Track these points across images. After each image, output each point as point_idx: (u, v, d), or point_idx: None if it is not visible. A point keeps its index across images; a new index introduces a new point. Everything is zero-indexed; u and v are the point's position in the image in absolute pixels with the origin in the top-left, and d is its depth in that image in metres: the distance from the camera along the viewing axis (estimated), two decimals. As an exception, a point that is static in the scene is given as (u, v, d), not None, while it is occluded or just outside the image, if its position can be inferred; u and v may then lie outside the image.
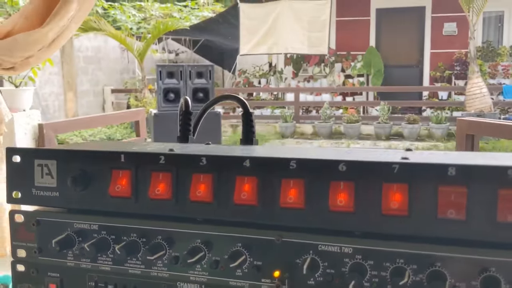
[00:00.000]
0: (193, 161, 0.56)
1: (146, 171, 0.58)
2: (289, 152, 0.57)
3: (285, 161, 0.53)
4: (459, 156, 0.58)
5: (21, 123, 3.53)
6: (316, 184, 0.52)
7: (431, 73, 10.62)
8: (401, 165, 0.49)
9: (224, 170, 0.55)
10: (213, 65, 8.27)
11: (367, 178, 0.50)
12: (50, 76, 10.28)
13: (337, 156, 0.54)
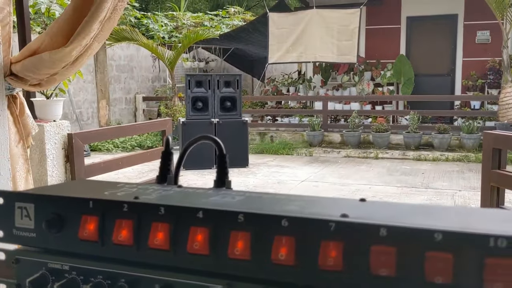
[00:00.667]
0: (153, 210, 0.60)
1: (111, 218, 0.63)
2: (240, 205, 0.60)
3: (234, 214, 0.56)
4: (402, 212, 0.58)
5: (51, 133, 3.67)
6: (261, 237, 0.54)
7: (463, 82, 10.42)
8: (337, 223, 0.51)
9: (180, 220, 0.59)
10: (241, 74, 8.39)
11: (307, 234, 0.52)
12: (84, 84, 10.59)
13: (285, 211, 0.56)
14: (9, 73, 2.14)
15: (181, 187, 0.74)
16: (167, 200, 0.63)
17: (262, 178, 7.16)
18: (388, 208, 0.60)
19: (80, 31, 1.90)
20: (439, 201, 5.76)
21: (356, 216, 0.51)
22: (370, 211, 0.56)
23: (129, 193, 0.67)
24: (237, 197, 0.64)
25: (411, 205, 0.61)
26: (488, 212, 0.59)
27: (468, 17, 10.34)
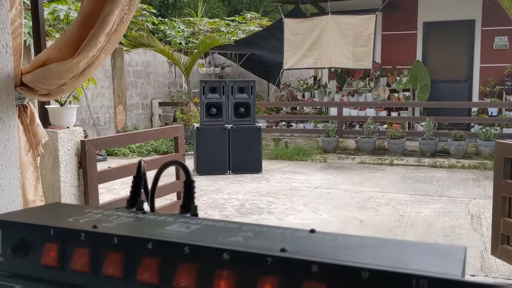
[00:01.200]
0: (108, 240, 0.63)
1: (71, 245, 0.65)
2: (190, 236, 0.61)
3: (181, 246, 0.58)
4: (341, 247, 0.58)
5: (65, 140, 3.73)
6: (204, 270, 0.56)
7: (481, 88, 10.29)
8: (274, 258, 0.52)
9: (131, 250, 0.61)
10: (255, 80, 8.43)
11: (246, 268, 0.54)
12: (102, 90, 10.74)
13: (230, 243, 0.57)
14: (20, 83, 2.20)
15: (145, 213, 0.76)
16: (123, 229, 0.66)
17: (275, 184, 7.17)
18: (331, 242, 0.60)
19: (87, 43, 1.94)
20: (453, 209, 5.70)
21: (294, 251, 0.52)
22: (312, 244, 0.57)
23: (91, 219, 0.70)
24: (192, 226, 0.66)
25: (357, 238, 0.61)
26: (421, 246, 0.58)
27: (485, 22, 10.22)
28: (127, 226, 0.67)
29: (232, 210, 5.78)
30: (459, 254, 0.51)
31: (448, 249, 0.53)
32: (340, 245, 0.57)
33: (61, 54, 2.01)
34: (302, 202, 6.10)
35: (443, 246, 0.55)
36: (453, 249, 0.53)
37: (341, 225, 5.12)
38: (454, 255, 0.50)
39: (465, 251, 0.53)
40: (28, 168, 2.27)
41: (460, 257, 0.50)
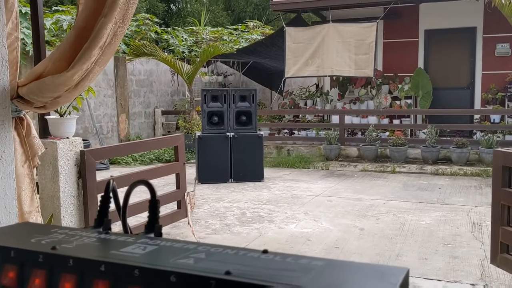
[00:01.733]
0: (63, 262, 0.64)
1: (30, 267, 0.66)
2: (142, 258, 0.63)
3: (131, 268, 0.59)
4: (284, 268, 0.59)
5: (64, 150, 3.76)
6: None
7: (483, 95, 10.27)
8: (217, 281, 0.53)
9: (85, 272, 0.62)
10: (256, 89, 8.46)
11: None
12: (105, 99, 10.80)
13: (178, 265, 0.58)
14: (16, 96, 2.23)
15: (108, 233, 0.77)
16: (81, 250, 0.67)
17: (276, 193, 7.17)
18: (278, 264, 0.60)
19: (81, 56, 1.97)
20: (454, 217, 5.68)
21: (239, 273, 0.53)
22: (259, 266, 0.58)
23: (53, 240, 0.71)
24: (149, 247, 0.67)
25: (306, 259, 0.62)
26: (363, 268, 0.58)
27: (487, 29, 10.23)
28: (85, 247, 0.68)
29: (233, 218, 5.79)
30: (397, 276, 0.51)
31: (389, 270, 0.54)
32: (287, 267, 0.58)
33: (55, 68, 2.04)
34: (303, 211, 6.10)
35: (386, 268, 0.56)
36: (394, 270, 0.54)
37: (341, 234, 5.11)
38: (392, 277, 0.51)
39: (406, 272, 0.53)
40: (24, 179, 2.29)
41: (397, 279, 0.51)
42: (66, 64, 2.01)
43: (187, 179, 8.05)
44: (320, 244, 4.78)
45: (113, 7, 1.88)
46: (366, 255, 4.46)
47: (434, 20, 10.59)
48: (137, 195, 6.56)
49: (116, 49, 9.97)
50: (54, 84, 2.04)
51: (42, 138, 3.80)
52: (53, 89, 2.07)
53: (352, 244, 4.79)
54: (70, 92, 2.12)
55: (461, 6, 9.86)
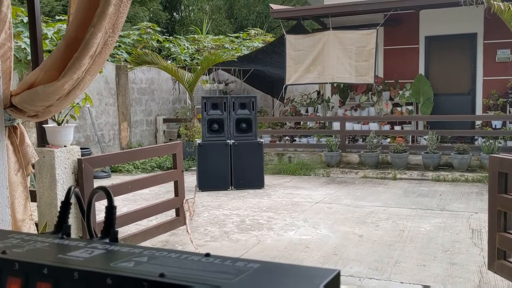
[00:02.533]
0: (10, 265, 0.66)
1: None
2: (84, 262, 0.64)
3: (70, 271, 0.61)
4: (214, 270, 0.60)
5: (62, 158, 3.79)
6: None
7: (484, 101, 10.26)
8: (150, 282, 0.55)
9: (29, 276, 0.64)
10: (256, 96, 8.48)
11: None
12: (106, 107, 10.86)
13: (116, 268, 0.60)
14: (9, 105, 2.26)
15: (63, 239, 0.79)
16: (28, 255, 0.68)
17: (276, 200, 7.17)
18: (214, 267, 0.62)
19: (71, 66, 2.00)
20: (454, 224, 5.67)
21: (172, 276, 0.55)
22: (196, 269, 0.59)
23: (6, 245, 0.72)
24: (96, 251, 0.69)
25: (242, 262, 0.63)
26: (294, 269, 0.59)
27: (487, 35, 10.24)
28: (35, 252, 0.70)
29: (232, 226, 5.79)
30: (325, 277, 0.52)
31: (319, 272, 0.55)
32: (221, 269, 0.59)
33: (47, 77, 2.06)
34: (303, 218, 6.09)
35: (317, 270, 0.57)
36: (324, 272, 0.55)
37: (340, 241, 5.11)
38: (319, 278, 0.52)
39: (336, 274, 0.54)
40: (18, 187, 2.31)
41: (323, 280, 0.51)
42: (57, 74, 2.04)
43: (188, 186, 8.08)
44: (319, 251, 4.77)
45: (102, 17, 1.90)
46: (364, 261, 4.45)
47: (435, 27, 10.62)
48: (138, 202, 6.60)
49: (118, 58, 10.08)
50: (45, 93, 2.06)
51: (40, 146, 3.83)
52: (44, 98, 2.09)
53: (350, 251, 4.78)
54: (61, 101, 2.15)
55: (462, 12, 9.87)
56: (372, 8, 10.04)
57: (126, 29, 18.14)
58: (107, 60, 12.10)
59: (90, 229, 0.87)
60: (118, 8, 1.95)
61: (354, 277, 4.11)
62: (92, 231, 0.86)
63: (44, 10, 19.55)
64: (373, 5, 9.98)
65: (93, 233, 0.85)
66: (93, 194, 0.87)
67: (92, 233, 0.86)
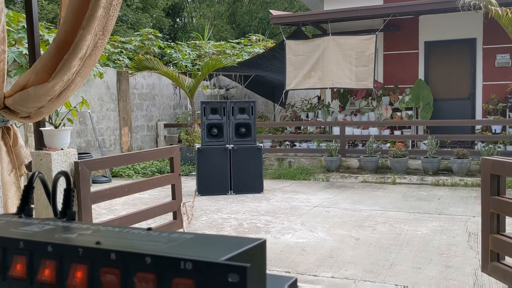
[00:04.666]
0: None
1: None
2: (27, 235, 0.68)
3: (16, 241, 0.65)
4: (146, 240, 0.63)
5: (58, 161, 3.83)
6: (31, 261, 0.63)
7: (484, 106, 10.28)
8: (84, 249, 0.59)
9: (6, 250, 0.67)
10: (255, 101, 8.52)
11: (63, 258, 0.61)
12: (107, 112, 10.93)
13: (55, 239, 0.64)
14: (2, 106, 2.30)
15: (22, 218, 0.82)
16: None
17: (275, 204, 7.20)
18: (149, 237, 0.65)
19: (61, 67, 2.04)
20: (451, 227, 5.68)
21: (108, 244, 0.59)
22: (130, 239, 0.63)
23: None
24: (47, 226, 0.73)
25: (177, 234, 0.67)
26: (222, 240, 0.63)
27: (487, 40, 10.27)
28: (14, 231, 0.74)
29: (230, 230, 5.82)
30: (243, 244, 0.56)
31: (244, 241, 0.58)
32: (154, 239, 0.63)
33: (38, 79, 2.11)
34: (300, 221, 6.11)
35: (242, 239, 0.60)
36: (248, 241, 0.58)
37: (336, 244, 5.13)
38: (241, 245, 0.56)
39: (261, 242, 0.58)
40: (11, 187, 2.35)
41: (242, 246, 0.55)
42: (48, 75, 2.08)
43: (188, 191, 8.13)
44: (315, 254, 4.79)
45: (91, 20, 1.95)
46: (360, 264, 4.47)
47: (434, 32, 10.66)
48: (137, 206, 6.62)
49: (119, 63, 10.13)
50: (37, 95, 2.11)
51: (37, 149, 3.88)
52: (36, 99, 2.13)
53: (346, 253, 4.80)
54: (53, 102, 2.19)
55: (461, 17, 9.92)
56: (371, 13, 10.10)
57: (129, 35, 18.27)
58: (108, 66, 12.16)
59: (55, 210, 0.91)
60: (108, 11, 2.00)
61: (349, 280, 4.13)
62: (57, 212, 0.90)
63: (48, 17, 19.71)
64: (373, 10, 10.04)
65: (57, 214, 0.89)
66: (56, 178, 0.91)
67: (56, 214, 0.90)
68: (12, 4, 19.52)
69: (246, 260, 0.50)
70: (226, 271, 0.49)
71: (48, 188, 0.94)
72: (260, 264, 0.56)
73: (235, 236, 0.61)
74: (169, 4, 26.35)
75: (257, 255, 0.55)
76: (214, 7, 28.56)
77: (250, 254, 0.54)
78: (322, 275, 4.22)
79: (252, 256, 0.54)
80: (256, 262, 0.52)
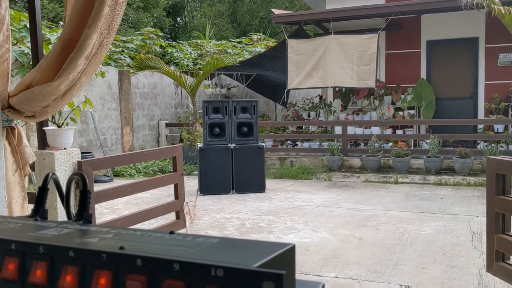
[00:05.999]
0: (3, 245, 0.68)
1: None
2: (46, 239, 0.66)
3: (36, 246, 0.63)
4: (167, 245, 0.62)
5: (62, 160, 3.81)
6: (52, 266, 0.62)
7: (486, 105, 10.26)
8: (108, 254, 0.57)
9: (25, 255, 0.66)
10: (257, 100, 8.50)
11: (86, 263, 0.60)
12: (109, 112, 10.91)
13: (77, 244, 0.62)
14: (7, 106, 2.28)
15: (38, 220, 0.81)
16: (1, 232, 0.70)
17: (277, 203, 7.18)
18: (173, 241, 0.64)
19: (67, 66, 2.02)
20: (454, 227, 5.66)
21: (132, 249, 0.57)
22: (154, 243, 0.61)
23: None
24: (66, 230, 0.71)
25: (203, 238, 0.65)
26: (250, 244, 0.61)
27: (489, 40, 10.24)
28: (6, 230, 0.72)
29: (233, 229, 5.80)
30: (274, 250, 0.54)
31: (272, 246, 0.57)
32: (179, 243, 0.61)
33: (43, 78, 2.09)
34: (303, 221, 6.10)
35: (270, 244, 0.58)
36: (276, 246, 0.56)
37: (340, 244, 5.11)
38: (269, 251, 0.54)
39: (290, 248, 0.56)
40: (15, 187, 2.34)
41: (271, 252, 0.53)
42: (53, 74, 2.06)
43: (190, 190, 8.10)
44: (318, 254, 4.78)
45: (97, 18, 1.93)
46: (363, 264, 4.45)
47: (436, 31, 10.63)
48: (139, 206, 6.63)
49: (121, 62, 10.10)
50: (42, 94, 2.09)
51: (41, 149, 3.86)
52: (41, 98, 2.12)
53: (350, 253, 4.78)
54: (58, 101, 2.18)
55: (463, 16, 9.89)
56: (373, 12, 10.08)
57: (130, 34, 18.26)
58: (110, 65, 12.13)
59: (69, 212, 0.89)
60: (113, 10, 1.98)
61: (353, 280, 4.11)
62: (71, 214, 0.88)
63: (49, 16, 19.71)
64: (375, 9, 10.02)
65: (71, 216, 0.87)
66: (71, 180, 0.89)
67: (70, 216, 0.88)
68: (13, 3, 19.51)
69: (277, 267, 0.48)
70: (260, 279, 0.47)
71: (61, 190, 0.93)
72: (290, 270, 0.54)
73: (262, 240, 0.59)
74: (170, 3, 26.33)
75: (287, 261, 0.54)
76: (215, 6, 28.54)
77: (281, 260, 0.52)
78: (326, 275, 4.20)
79: (282, 262, 0.52)
80: (287, 268, 0.50)
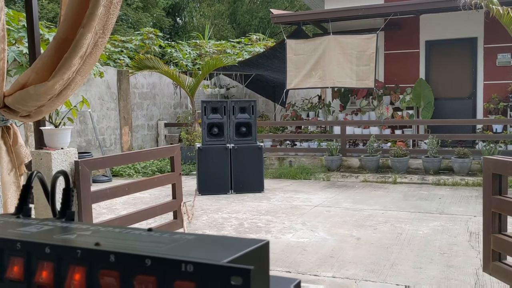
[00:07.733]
0: None
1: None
2: (25, 236, 0.67)
3: (14, 242, 0.64)
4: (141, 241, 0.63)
5: (59, 160, 3.82)
6: (29, 261, 0.62)
7: (485, 105, 10.26)
8: (82, 250, 0.58)
9: (3, 251, 0.66)
10: (255, 100, 8.51)
11: (60, 259, 0.61)
12: (108, 112, 10.91)
13: (53, 240, 0.63)
14: (2, 105, 2.29)
15: (20, 218, 0.81)
16: None
17: (276, 203, 7.18)
18: (150, 238, 0.64)
19: (61, 66, 2.03)
20: (452, 227, 5.66)
21: (107, 245, 0.58)
22: (130, 240, 0.62)
23: None
24: (46, 227, 0.71)
25: (178, 235, 0.65)
26: (222, 240, 0.62)
27: (487, 40, 10.25)
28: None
29: (230, 229, 5.80)
30: (247, 246, 0.54)
31: (246, 242, 0.57)
32: (155, 240, 0.62)
33: (38, 77, 2.10)
34: (301, 221, 6.10)
35: (245, 240, 0.58)
36: (250, 242, 0.57)
37: (337, 243, 5.11)
38: (240, 247, 0.54)
39: (264, 244, 0.56)
40: (11, 187, 2.34)
41: (244, 248, 0.53)
42: (48, 74, 2.07)
43: (189, 190, 8.11)
44: (316, 254, 4.78)
45: (91, 18, 1.93)
46: (361, 264, 4.45)
47: (435, 31, 10.64)
48: (137, 206, 6.63)
49: (120, 62, 10.10)
50: (37, 93, 2.09)
51: (38, 148, 3.87)
52: (36, 98, 2.12)
53: (347, 253, 4.79)
54: (53, 101, 2.18)
55: (462, 16, 9.89)
56: (372, 12, 10.08)
57: (129, 34, 18.25)
58: (109, 65, 12.14)
59: (54, 210, 0.89)
60: (108, 10, 1.98)
61: (350, 279, 4.12)
62: (56, 211, 0.88)
63: (48, 16, 19.70)
64: (373, 9, 10.02)
65: (56, 213, 0.87)
66: (55, 178, 0.90)
67: (55, 214, 0.88)
68: (12, 4, 19.51)
69: (249, 262, 0.49)
70: (228, 274, 0.48)
71: (47, 188, 0.93)
72: (263, 266, 0.54)
73: (237, 237, 0.59)
74: (170, 3, 26.33)
75: (260, 257, 0.54)
76: (214, 6, 28.55)
77: (253, 256, 0.53)
78: (323, 275, 4.21)
79: (255, 258, 0.53)
80: (259, 264, 0.51)
